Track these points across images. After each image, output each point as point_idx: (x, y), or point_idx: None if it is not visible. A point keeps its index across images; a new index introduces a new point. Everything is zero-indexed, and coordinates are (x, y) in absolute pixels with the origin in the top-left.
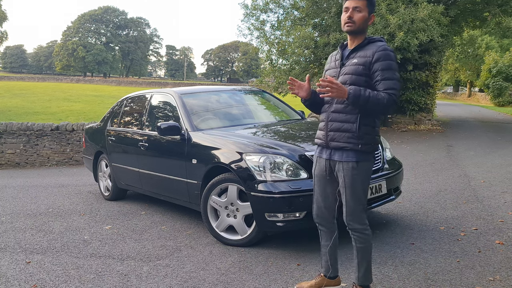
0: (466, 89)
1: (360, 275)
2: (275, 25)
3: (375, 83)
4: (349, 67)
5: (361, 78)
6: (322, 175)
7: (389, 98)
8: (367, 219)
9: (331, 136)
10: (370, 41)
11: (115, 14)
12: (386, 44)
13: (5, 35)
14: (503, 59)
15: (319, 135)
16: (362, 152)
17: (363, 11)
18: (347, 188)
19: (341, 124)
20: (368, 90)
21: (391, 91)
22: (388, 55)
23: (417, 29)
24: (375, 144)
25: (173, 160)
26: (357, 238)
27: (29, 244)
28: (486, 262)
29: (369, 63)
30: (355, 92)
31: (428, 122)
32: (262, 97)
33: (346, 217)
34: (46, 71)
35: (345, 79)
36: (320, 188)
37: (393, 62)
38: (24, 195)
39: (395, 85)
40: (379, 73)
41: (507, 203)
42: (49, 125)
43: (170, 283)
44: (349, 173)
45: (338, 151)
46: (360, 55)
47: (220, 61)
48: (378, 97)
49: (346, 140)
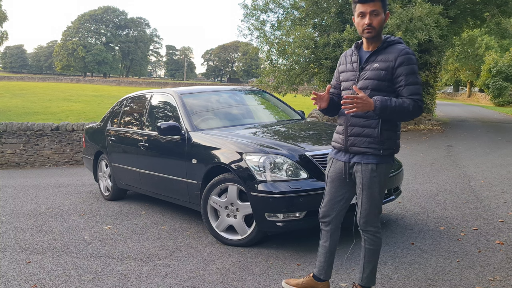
0: (466, 89)
1: (365, 275)
2: (275, 25)
3: (398, 88)
4: (370, 72)
5: (384, 83)
6: (337, 177)
7: (415, 104)
8: (379, 222)
9: (352, 141)
10: (389, 44)
11: (115, 14)
12: (407, 47)
13: (5, 35)
14: (503, 59)
15: (337, 139)
16: (383, 155)
17: (380, 13)
18: (364, 189)
19: (362, 129)
20: (394, 99)
21: (415, 97)
22: (411, 59)
23: (415, 28)
24: (396, 149)
25: (173, 160)
26: (368, 240)
27: (29, 244)
28: (486, 262)
29: (391, 68)
30: (382, 104)
31: (428, 122)
32: (262, 97)
33: (360, 219)
34: (46, 71)
35: (366, 84)
36: (333, 189)
37: (416, 66)
38: (24, 195)
39: (419, 90)
40: (403, 78)
41: (507, 203)
42: (49, 125)
43: (170, 283)
44: (367, 174)
45: (358, 154)
46: (381, 59)
47: (220, 61)
48: (404, 105)
49: (367, 145)
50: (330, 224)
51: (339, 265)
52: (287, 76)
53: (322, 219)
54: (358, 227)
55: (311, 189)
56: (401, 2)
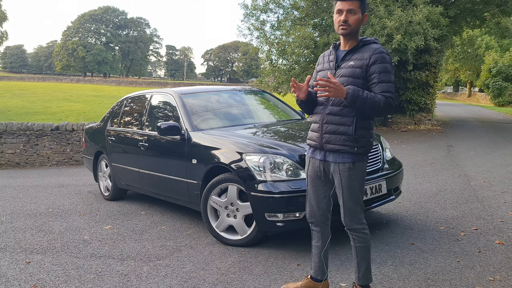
0: (466, 89)
1: (360, 274)
2: (275, 25)
3: (371, 86)
4: (345, 69)
5: (358, 80)
6: (315, 176)
7: (386, 100)
8: (364, 219)
9: (326, 138)
10: (365, 43)
11: (115, 14)
12: (382, 47)
13: (5, 35)
14: (503, 59)
15: (312, 136)
16: (357, 153)
17: (357, 13)
18: (344, 188)
19: (336, 127)
20: (366, 92)
21: (387, 94)
22: (384, 58)
23: (413, 32)
24: (370, 147)
25: (173, 160)
26: (356, 238)
27: (29, 244)
28: (486, 262)
29: (365, 65)
30: (354, 92)
31: (428, 122)
32: (262, 97)
33: (344, 218)
34: (46, 71)
35: (342, 81)
36: (313, 188)
37: (389, 65)
38: (24, 195)
39: (391, 88)
40: (376, 76)
41: (507, 203)
42: (49, 125)
43: (170, 283)
44: (345, 174)
45: (333, 153)
46: (356, 58)
47: (220, 61)
48: (375, 99)
49: (342, 142)
50: (318, 223)
51: (339, 265)
52: (287, 76)
53: (310, 219)
54: (344, 228)
55: None
56: (401, 4)
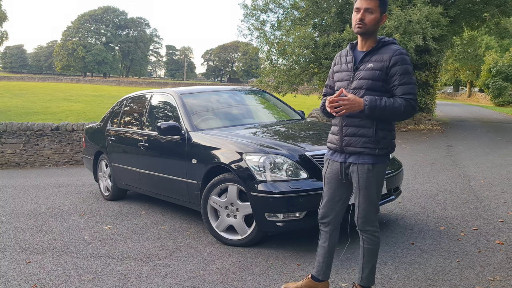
0: (466, 89)
1: (364, 275)
2: (275, 25)
3: (392, 88)
4: (364, 71)
5: (378, 83)
6: (334, 178)
7: (407, 104)
8: (377, 221)
9: (347, 141)
10: (384, 44)
11: (115, 14)
12: (401, 48)
13: (5, 35)
14: (503, 59)
15: (332, 139)
16: (378, 155)
17: (375, 12)
18: (361, 190)
19: (357, 129)
20: (384, 99)
21: (408, 96)
22: (405, 59)
23: (413, 31)
24: (392, 148)
25: (173, 160)
26: (366, 239)
27: (29, 244)
28: (486, 262)
29: (386, 67)
30: (371, 103)
31: (428, 122)
32: (262, 97)
33: (358, 219)
34: (46, 71)
35: (361, 84)
36: (330, 190)
37: (410, 66)
38: (24, 195)
39: (413, 89)
40: (397, 78)
41: (507, 203)
42: (49, 125)
43: (170, 283)
44: (364, 175)
45: (354, 155)
46: (376, 59)
47: (220, 61)
48: (395, 105)
49: (362, 145)
50: (329, 225)
51: (339, 265)
52: (287, 76)
53: (321, 220)
54: (356, 227)
55: (311, 189)
56: (400, 3)
